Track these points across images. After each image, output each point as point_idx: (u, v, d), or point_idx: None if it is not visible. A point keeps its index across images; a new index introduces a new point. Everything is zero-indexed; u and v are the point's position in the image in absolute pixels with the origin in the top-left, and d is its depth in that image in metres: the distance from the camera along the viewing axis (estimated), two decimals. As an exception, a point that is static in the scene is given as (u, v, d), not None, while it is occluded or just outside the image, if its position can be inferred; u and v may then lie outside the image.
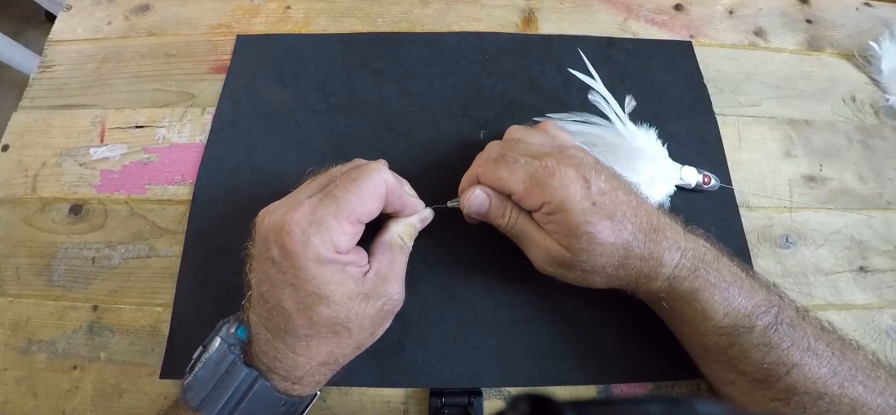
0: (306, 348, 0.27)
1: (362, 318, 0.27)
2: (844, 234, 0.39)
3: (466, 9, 0.48)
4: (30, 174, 0.40)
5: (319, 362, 0.27)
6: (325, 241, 0.25)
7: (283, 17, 0.47)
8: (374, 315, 0.28)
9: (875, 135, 0.43)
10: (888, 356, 0.35)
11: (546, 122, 0.35)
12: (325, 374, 0.29)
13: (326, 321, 0.26)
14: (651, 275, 0.29)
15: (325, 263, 0.26)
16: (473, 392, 0.32)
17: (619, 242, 0.28)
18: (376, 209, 0.28)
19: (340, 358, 0.28)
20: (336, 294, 0.26)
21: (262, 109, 0.42)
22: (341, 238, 0.26)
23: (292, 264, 0.25)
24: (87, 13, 0.48)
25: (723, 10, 0.49)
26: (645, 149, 0.37)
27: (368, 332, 0.29)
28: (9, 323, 0.34)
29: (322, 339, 0.27)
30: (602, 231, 0.28)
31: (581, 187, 0.28)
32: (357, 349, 0.29)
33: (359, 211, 0.27)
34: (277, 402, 0.27)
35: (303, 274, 0.25)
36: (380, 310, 0.28)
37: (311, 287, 0.26)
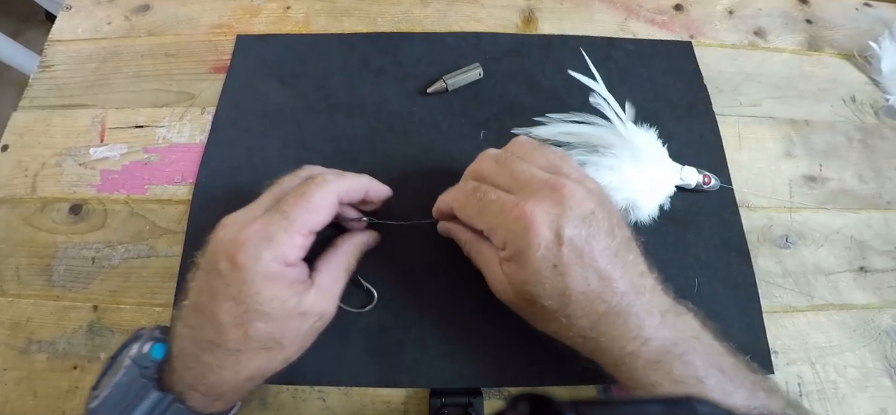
0: (235, 362, 0.26)
1: (296, 334, 0.27)
2: (844, 234, 0.39)
3: (466, 9, 0.48)
4: (30, 174, 0.40)
5: (246, 377, 0.27)
6: (275, 255, 0.26)
7: (283, 17, 0.47)
8: (306, 332, 0.28)
9: (875, 135, 0.43)
10: (888, 356, 0.35)
11: (555, 152, 0.31)
12: (247, 389, 0.28)
13: (261, 337, 0.26)
14: (604, 347, 0.26)
15: (272, 279, 0.25)
16: (473, 392, 0.32)
17: (566, 314, 0.26)
18: (327, 218, 0.28)
19: (267, 373, 0.28)
20: (277, 311, 0.26)
21: (262, 109, 0.42)
22: (292, 251, 0.26)
23: (239, 278, 0.25)
24: (87, 13, 0.48)
25: (723, 10, 0.49)
26: (645, 149, 0.37)
27: (298, 347, 0.28)
28: (9, 323, 0.34)
29: (253, 354, 0.26)
30: (548, 297, 0.26)
31: (546, 243, 0.25)
32: (285, 363, 0.28)
33: (309, 223, 0.27)
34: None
35: (247, 289, 0.25)
36: (312, 326, 0.28)
37: (253, 303, 0.25)
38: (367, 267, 0.35)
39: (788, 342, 0.35)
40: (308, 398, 0.32)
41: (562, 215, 0.26)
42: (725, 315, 0.35)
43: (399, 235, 0.35)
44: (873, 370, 0.34)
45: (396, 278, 0.35)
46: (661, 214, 0.37)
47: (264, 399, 0.32)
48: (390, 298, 0.35)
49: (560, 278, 0.25)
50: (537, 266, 0.25)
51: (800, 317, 0.36)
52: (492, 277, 0.29)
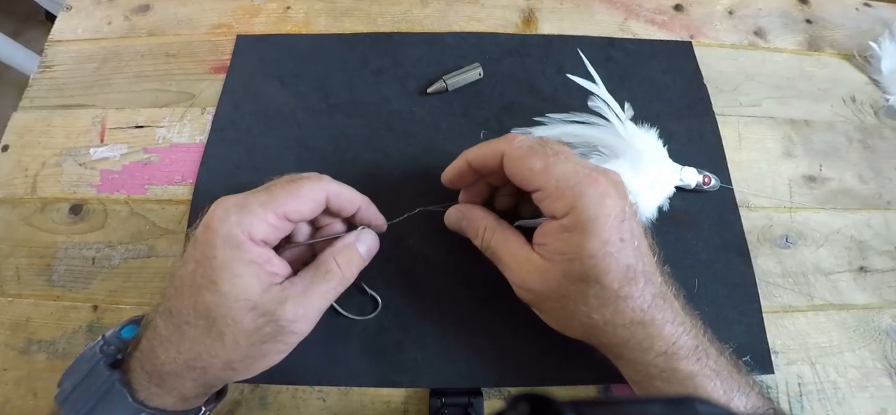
0: (180, 337, 0.25)
1: (236, 328, 0.25)
2: (844, 234, 0.39)
3: (466, 9, 0.48)
4: (30, 174, 0.40)
5: (186, 360, 0.25)
6: (241, 221, 0.25)
7: (283, 17, 0.47)
8: (251, 332, 0.25)
9: (875, 135, 0.43)
10: (888, 356, 0.35)
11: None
12: (189, 383, 0.25)
13: (205, 311, 0.24)
14: (645, 345, 0.26)
15: (232, 244, 0.25)
16: (473, 392, 0.32)
17: (623, 295, 0.25)
18: (309, 211, 0.28)
19: (208, 369, 0.25)
20: (224, 284, 0.24)
21: (262, 109, 0.42)
22: (260, 225, 0.25)
23: (205, 239, 0.25)
24: (87, 13, 0.48)
25: (723, 10, 0.49)
26: (645, 150, 0.37)
27: (243, 352, 0.25)
28: (9, 323, 0.34)
29: (196, 332, 0.25)
30: (612, 272, 0.25)
31: (617, 215, 0.25)
32: (228, 368, 0.25)
33: (288, 207, 0.26)
34: (135, 411, 0.25)
35: (209, 251, 0.25)
36: (259, 329, 0.25)
37: (208, 267, 0.24)
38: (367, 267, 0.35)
39: (788, 342, 0.35)
40: (308, 398, 0.32)
41: (624, 196, 0.26)
42: (725, 315, 0.35)
43: (399, 235, 0.35)
44: (873, 370, 0.34)
45: (396, 279, 0.35)
46: (661, 215, 0.37)
47: (264, 399, 0.32)
48: (390, 299, 0.35)
49: (625, 253, 0.25)
50: (608, 236, 0.25)
51: (800, 317, 0.36)
52: (521, 264, 0.28)
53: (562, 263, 0.26)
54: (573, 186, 0.25)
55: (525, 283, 0.28)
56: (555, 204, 0.26)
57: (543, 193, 0.26)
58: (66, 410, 0.25)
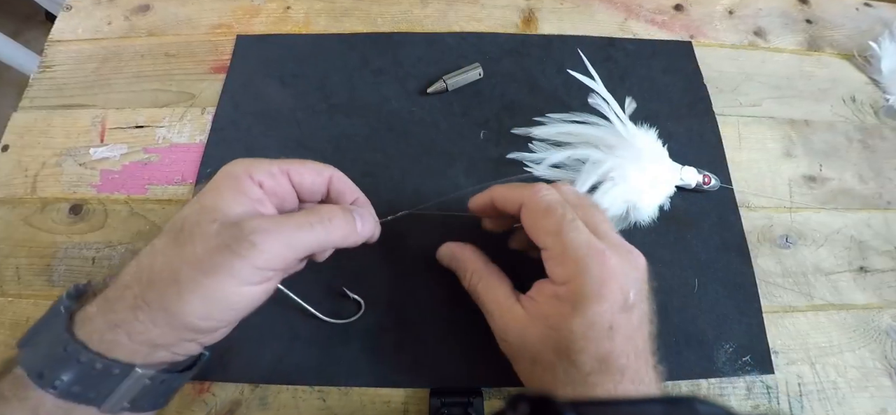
0: (148, 250, 0.24)
1: (198, 232, 0.23)
2: (844, 234, 0.39)
3: (466, 9, 0.48)
4: (30, 174, 0.40)
5: (136, 267, 0.24)
6: (247, 164, 0.26)
7: (283, 17, 0.47)
8: (209, 236, 0.23)
9: (875, 135, 0.43)
10: (888, 356, 0.35)
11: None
12: (127, 299, 0.23)
13: (177, 222, 0.25)
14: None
15: (231, 176, 0.25)
16: (473, 392, 0.32)
17: (591, 382, 0.25)
18: (312, 183, 0.28)
19: (154, 278, 0.23)
20: (207, 199, 0.25)
21: (262, 109, 0.42)
22: (261, 169, 0.26)
23: (211, 184, 0.26)
24: (87, 13, 0.48)
25: (723, 10, 0.49)
26: (645, 149, 0.37)
27: (196, 257, 0.23)
28: (9, 323, 0.34)
29: (160, 242, 0.24)
30: (587, 355, 0.24)
31: (615, 301, 0.24)
32: (172, 282, 0.23)
33: (292, 168, 0.27)
34: (59, 337, 0.23)
35: (212, 181, 0.26)
36: (219, 234, 0.23)
37: (204, 190, 0.25)
38: (367, 266, 0.35)
39: (788, 342, 0.35)
40: (308, 398, 0.32)
41: (634, 284, 0.25)
42: (725, 315, 0.35)
43: (399, 234, 0.35)
44: (873, 370, 0.34)
45: (396, 278, 0.35)
46: (661, 214, 0.37)
47: (264, 399, 0.32)
48: (390, 299, 0.35)
49: (608, 343, 0.24)
50: (597, 319, 0.24)
51: (800, 317, 0.36)
52: (504, 313, 0.28)
53: (543, 328, 0.26)
54: (579, 258, 0.25)
55: (504, 333, 0.28)
56: (556, 269, 0.26)
57: (549, 254, 0.26)
58: (24, 336, 0.24)
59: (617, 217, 0.36)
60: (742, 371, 0.34)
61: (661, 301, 0.35)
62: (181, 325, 0.23)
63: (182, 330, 0.24)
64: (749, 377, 0.33)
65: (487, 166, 0.40)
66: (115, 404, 0.23)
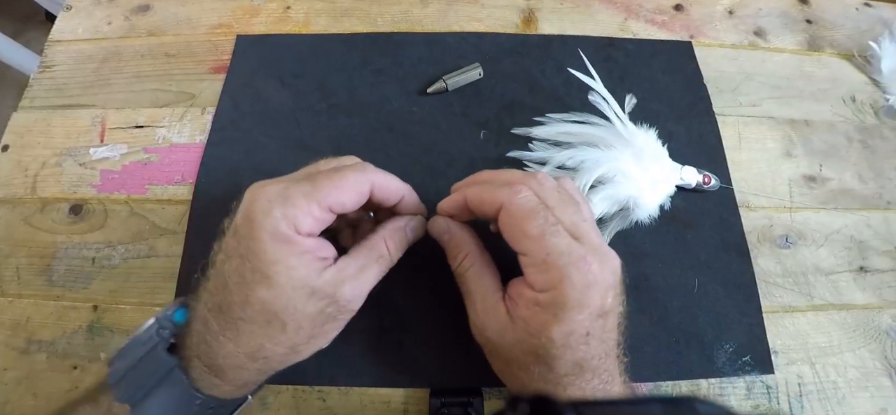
0: (236, 333, 0.24)
1: (300, 315, 0.24)
2: (844, 234, 0.39)
3: (466, 9, 0.48)
4: (30, 174, 0.40)
5: (247, 353, 0.25)
6: (286, 215, 0.24)
7: (283, 17, 0.47)
8: (314, 315, 0.25)
9: (875, 135, 0.43)
10: (888, 356, 0.35)
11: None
12: (252, 372, 0.26)
13: (261, 306, 0.24)
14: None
15: (280, 239, 0.24)
16: (473, 392, 0.32)
17: (565, 383, 0.25)
18: (352, 203, 0.27)
19: (271, 358, 0.25)
20: (280, 277, 0.24)
21: (262, 109, 0.42)
22: (306, 219, 0.24)
23: (248, 233, 0.24)
24: (87, 13, 0.48)
25: (723, 10, 0.49)
26: (645, 149, 0.37)
27: (306, 334, 0.25)
28: (9, 323, 0.34)
29: (254, 326, 0.24)
30: (564, 362, 0.25)
31: (595, 308, 0.24)
32: (292, 352, 0.26)
33: (331, 199, 0.25)
34: (191, 399, 0.25)
35: (254, 245, 0.24)
36: (322, 311, 0.25)
37: (258, 262, 0.24)
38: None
39: (788, 342, 0.35)
40: (308, 398, 0.32)
41: (611, 288, 0.25)
42: (725, 315, 0.35)
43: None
44: (873, 370, 0.34)
45: (396, 278, 0.35)
46: (661, 214, 0.37)
47: (264, 399, 0.32)
48: (390, 299, 0.35)
49: (585, 347, 0.25)
50: (575, 328, 0.24)
51: (800, 317, 0.36)
52: (486, 310, 0.27)
53: (522, 333, 0.25)
54: (561, 266, 0.24)
55: (483, 328, 0.28)
56: (537, 276, 0.25)
57: (529, 260, 0.26)
58: (121, 391, 0.24)
59: (617, 216, 0.36)
60: (742, 371, 0.34)
61: (662, 301, 0.35)
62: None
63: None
64: (749, 377, 0.33)
65: (487, 166, 0.39)
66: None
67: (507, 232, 0.27)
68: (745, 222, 0.38)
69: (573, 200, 0.28)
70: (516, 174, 0.29)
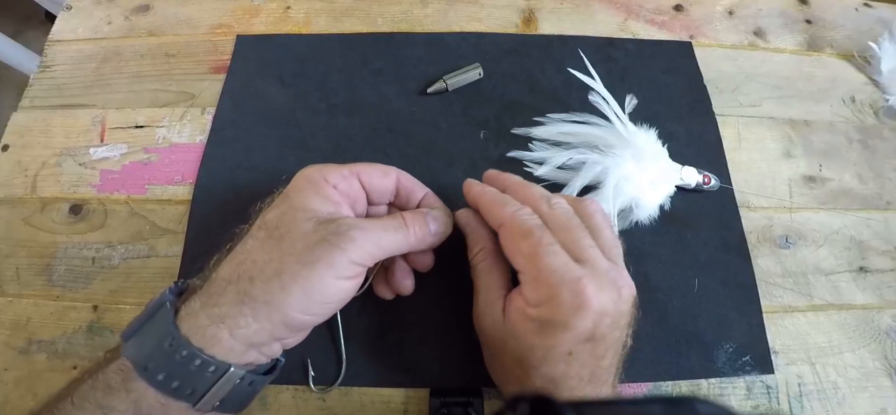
0: (241, 248, 0.26)
1: (296, 231, 0.25)
2: (844, 234, 0.39)
3: (466, 9, 0.48)
4: (30, 174, 0.40)
5: (236, 266, 0.25)
6: (321, 169, 0.28)
7: (283, 17, 0.47)
8: (308, 233, 0.25)
9: (875, 135, 0.43)
10: (888, 356, 0.35)
11: (615, 236, 0.29)
12: (230, 295, 0.25)
13: (270, 222, 0.26)
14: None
15: (310, 180, 0.28)
16: (473, 392, 0.32)
17: (536, 381, 0.26)
18: (380, 184, 0.30)
19: (255, 279, 0.25)
20: (295, 200, 0.27)
21: (262, 109, 0.42)
22: (336, 176, 0.28)
23: (289, 184, 0.28)
24: (87, 13, 0.48)
25: (723, 10, 0.49)
26: (645, 149, 0.37)
27: (297, 254, 0.25)
28: (9, 323, 0.34)
29: (255, 241, 0.26)
30: (539, 374, 0.25)
31: (582, 331, 0.24)
32: (275, 276, 0.25)
33: (362, 170, 0.29)
34: (166, 331, 0.24)
35: (289, 185, 0.28)
36: (317, 230, 0.25)
37: (285, 194, 0.28)
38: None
39: (788, 342, 0.35)
40: (308, 398, 0.32)
41: (608, 315, 0.25)
42: (725, 315, 0.35)
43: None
44: (873, 370, 0.34)
45: (396, 278, 0.35)
46: (661, 214, 0.37)
47: (264, 399, 0.32)
48: (390, 298, 0.35)
49: (563, 366, 0.25)
50: (556, 344, 0.25)
51: (800, 317, 0.36)
52: (486, 304, 0.28)
53: (509, 336, 0.26)
54: (553, 284, 0.25)
55: (480, 318, 0.29)
56: (530, 292, 0.26)
57: (524, 276, 0.26)
58: (127, 329, 0.25)
59: (617, 216, 0.36)
60: (742, 371, 0.34)
61: (662, 301, 0.35)
62: (279, 320, 0.25)
63: (279, 326, 0.25)
64: (749, 377, 0.33)
65: (487, 166, 0.39)
66: (208, 402, 0.25)
67: (506, 248, 0.28)
68: (745, 222, 0.38)
69: (591, 223, 0.28)
70: (532, 193, 0.29)
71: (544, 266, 0.25)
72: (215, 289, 0.25)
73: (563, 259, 0.25)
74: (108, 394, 0.23)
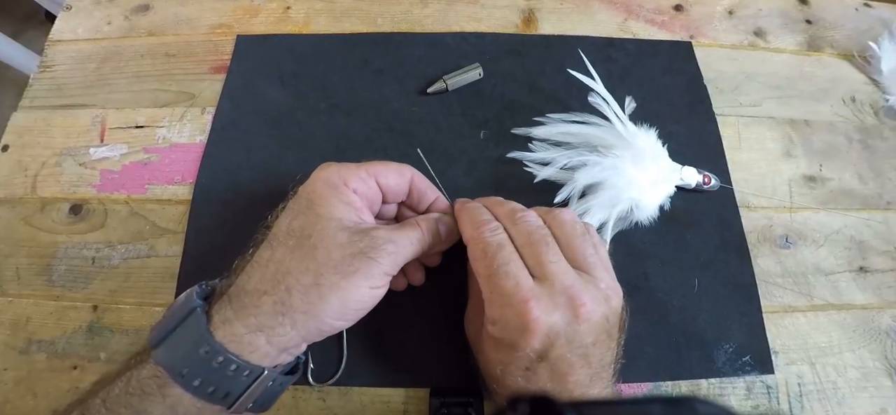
0: (270, 254, 0.26)
1: (330, 241, 0.26)
2: (844, 234, 0.39)
3: (466, 9, 0.48)
4: (30, 174, 0.40)
5: (272, 274, 0.25)
6: (339, 171, 0.28)
7: (283, 18, 0.47)
8: (343, 244, 0.26)
9: (875, 135, 0.43)
10: (888, 356, 0.35)
11: (597, 245, 0.28)
12: (266, 306, 0.25)
13: (300, 230, 0.26)
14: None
15: (331, 185, 0.28)
16: (473, 392, 0.32)
17: (508, 385, 0.27)
18: (395, 183, 0.30)
19: (293, 289, 0.25)
20: (322, 209, 0.27)
21: (262, 109, 0.42)
22: (354, 177, 0.28)
23: (307, 185, 0.28)
24: (87, 13, 0.48)
25: (723, 10, 0.49)
26: (645, 149, 0.37)
27: (333, 263, 0.25)
28: (9, 323, 0.34)
29: (286, 249, 0.26)
30: (500, 385, 0.27)
31: (533, 350, 0.25)
32: (313, 286, 0.25)
33: (379, 171, 0.29)
34: (201, 338, 0.24)
35: (309, 189, 0.28)
36: (353, 242, 0.26)
37: (308, 198, 0.27)
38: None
39: (788, 342, 0.35)
40: (308, 398, 0.32)
41: (561, 336, 0.25)
42: (725, 315, 0.35)
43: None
44: (873, 370, 0.34)
45: (396, 278, 0.35)
46: (661, 214, 0.37)
47: (264, 399, 0.32)
48: (390, 298, 0.35)
49: (524, 381, 0.26)
50: (509, 360, 0.26)
51: (800, 317, 0.36)
52: (473, 313, 0.31)
53: (484, 344, 0.28)
54: (501, 305, 0.25)
55: (466, 324, 0.32)
56: (488, 309, 0.27)
57: (484, 295, 0.27)
58: (154, 334, 0.25)
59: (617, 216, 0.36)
60: (742, 371, 0.34)
61: (662, 301, 0.35)
62: (316, 326, 0.26)
63: (313, 332, 0.26)
64: (749, 377, 0.33)
65: (487, 166, 0.40)
66: (243, 404, 0.25)
67: (470, 263, 0.28)
68: (745, 222, 0.38)
69: (559, 232, 0.28)
70: (502, 210, 0.29)
71: (494, 287, 0.26)
72: (249, 300, 0.25)
73: (514, 280, 0.25)
74: (144, 399, 0.24)
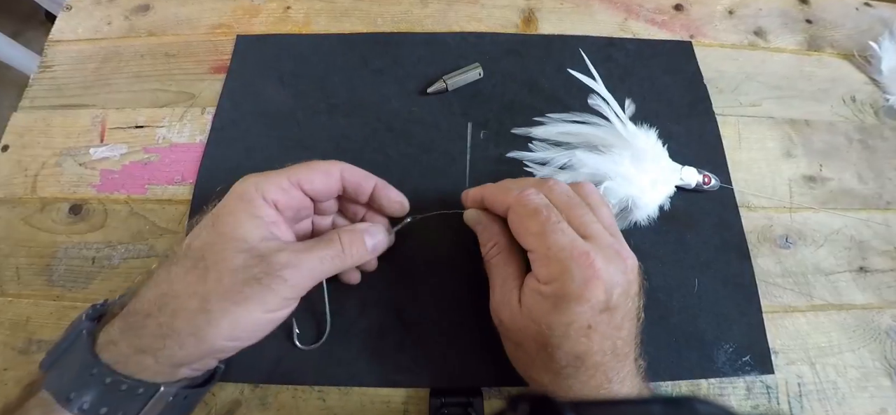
0: (165, 274, 0.25)
1: (224, 266, 0.24)
2: (844, 234, 0.39)
3: (466, 9, 0.48)
4: (30, 174, 0.40)
5: (160, 295, 0.24)
6: (257, 183, 0.27)
7: (283, 17, 0.47)
8: (236, 270, 0.24)
9: (875, 135, 0.43)
10: (888, 356, 0.35)
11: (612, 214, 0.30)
12: (151, 327, 0.24)
13: (196, 250, 0.25)
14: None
15: (244, 199, 0.26)
16: (473, 392, 0.32)
17: (565, 374, 0.26)
18: (323, 186, 0.29)
19: (178, 312, 0.24)
20: (225, 227, 0.25)
21: (262, 109, 0.42)
22: (272, 187, 0.27)
23: (222, 201, 0.27)
24: (87, 13, 0.48)
25: (723, 10, 0.49)
26: (645, 149, 0.37)
27: (223, 289, 0.24)
28: (9, 323, 0.34)
29: (180, 269, 0.25)
30: (563, 351, 0.25)
31: (596, 302, 0.25)
32: (200, 312, 0.24)
33: (302, 177, 0.28)
34: (88, 360, 0.23)
35: (220, 204, 0.27)
36: (247, 268, 0.24)
37: (215, 215, 0.26)
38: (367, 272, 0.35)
39: (788, 342, 0.35)
40: (308, 398, 0.32)
41: (618, 286, 0.26)
42: (725, 315, 0.35)
43: (399, 235, 0.35)
44: (873, 370, 0.34)
45: (397, 278, 0.35)
46: (661, 214, 0.37)
47: (264, 399, 0.32)
48: (390, 298, 0.35)
49: (585, 340, 0.25)
50: (574, 319, 0.25)
51: (800, 317, 0.36)
52: (502, 295, 0.29)
53: (528, 320, 0.27)
54: (562, 259, 0.25)
55: (498, 310, 0.29)
56: (541, 269, 0.26)
57: (534, 255, 0.27)
58: (46, 359, 0.25)
59: (617, 216, 0.36)
60: (742, 371, 0.34)
61: (662, 301, 0.35)
62: (208, 348, 0.25)
63: (208, 352, 0.25)
64: (749, 377, 0.33)
65: (487, 166, 0.40)
66: None
67: (515, 230, 0.28)
68: (745, 222, 0.38)
69: (589, 202, 0.29)
70: (530, 180, 0.30)
71: (553, 243, 0.26)
72: (134, 321, 0.25)
73: (570, 235, 0.26)
74: None
